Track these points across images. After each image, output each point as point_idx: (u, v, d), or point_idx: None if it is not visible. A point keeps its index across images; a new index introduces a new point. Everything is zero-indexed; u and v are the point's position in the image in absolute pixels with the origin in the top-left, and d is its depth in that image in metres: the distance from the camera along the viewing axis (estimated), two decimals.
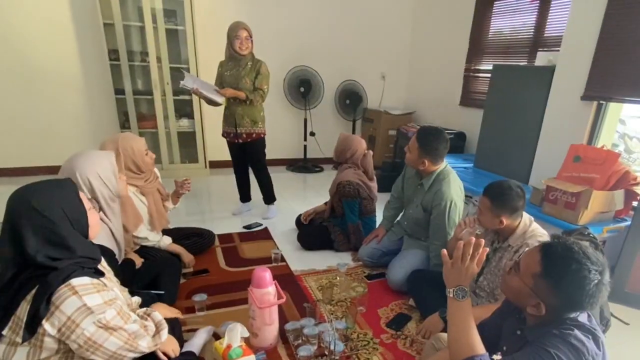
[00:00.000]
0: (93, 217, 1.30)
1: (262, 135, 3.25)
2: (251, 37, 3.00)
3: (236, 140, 3.20)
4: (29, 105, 4.01)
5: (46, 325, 1.08)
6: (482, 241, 1.21)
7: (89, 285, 1.14)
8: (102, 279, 1.22)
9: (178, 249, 2.44)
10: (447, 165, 2.36)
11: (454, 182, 2.30)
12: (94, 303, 1.12)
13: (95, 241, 1.73)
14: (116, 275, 1.49)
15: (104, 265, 1.35)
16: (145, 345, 1.27)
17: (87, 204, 1.28)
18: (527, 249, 1.48)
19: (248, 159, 3.34)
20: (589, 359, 1.02)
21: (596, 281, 1.02)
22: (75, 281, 1.11)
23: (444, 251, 1.25)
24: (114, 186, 1.84)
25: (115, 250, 1.91)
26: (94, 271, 1.21)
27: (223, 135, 3.28)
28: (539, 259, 1.10)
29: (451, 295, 1.21)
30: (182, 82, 2.94)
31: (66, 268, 1.13)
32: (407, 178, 2.54)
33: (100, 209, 1.80)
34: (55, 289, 1.09)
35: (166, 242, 2.39)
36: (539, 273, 1.09)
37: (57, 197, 1.18)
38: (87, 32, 3.96)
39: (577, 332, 1.05)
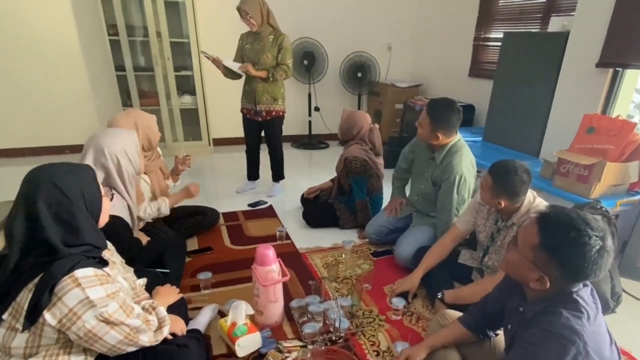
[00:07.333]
0: (106, 204, 1.30)
1: (282, 113, 3.21)
2: (249, 13, 2.80)
3: (255, 118, 3.16)
4: (31, 85, 3.95)
5: (47, 315, 1.07)
6: None
7: (92, 277, 1.12)
8: (105, 269, 1.20)
9: (178, 197, 2.36)
10: (460, 139, 2.27)
11: (466, 157, 2.22)
12: (97, 296, 1.11)
13: (116, 213, 1.78)
14: (125, 250, 1.50)
15: (108, 248, 1.34)
16: (146, 339, 1.27)
17: (102, 190, 1.28)
18: None
19: (266, 137, 3.30)
20: (580, 344, 0.99)
21: (597, 247, 0.98)
22: (79, 272, 1.10)
23: None
24: (137, 164, 1.90)
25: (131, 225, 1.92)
26: (98, 261, 1.20)
27: (242, 111, 3.23)
28: (537, 230, 1.06)
29: None
30: (202, 50, 3.03)
31: (71, 258, 1.11)
32: (418, 151, 2.44)
33: (113, 194, 1.78)
34: (59, 279, 1.07)
35: (165, 206, 2.26)
36: (537, 244, 1.05)
37: (76, 177, 1.19)
38: (85, 6, 3.86)
39: (566, 316, 1.01)
